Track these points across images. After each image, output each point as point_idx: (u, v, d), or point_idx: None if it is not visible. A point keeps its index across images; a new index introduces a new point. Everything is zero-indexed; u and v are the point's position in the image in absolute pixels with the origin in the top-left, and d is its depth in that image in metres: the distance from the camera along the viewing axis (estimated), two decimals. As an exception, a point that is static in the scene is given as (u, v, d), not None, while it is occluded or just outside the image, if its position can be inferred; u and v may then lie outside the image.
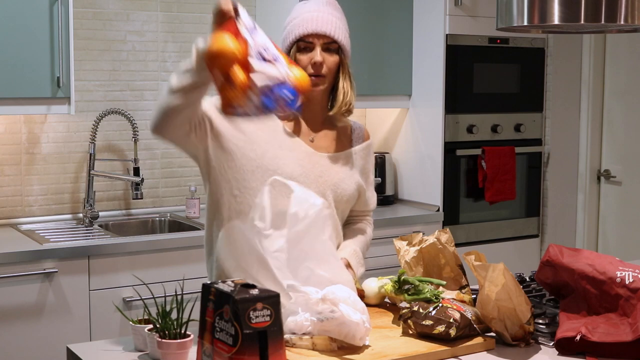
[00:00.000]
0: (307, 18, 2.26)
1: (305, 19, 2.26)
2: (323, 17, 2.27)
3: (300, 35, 2.26)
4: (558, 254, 2.12)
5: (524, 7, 2.15)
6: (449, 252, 2.25)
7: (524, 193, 4.43)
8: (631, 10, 2.09)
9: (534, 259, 4.32)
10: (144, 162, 3.89)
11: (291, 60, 2.10)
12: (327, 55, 2.28)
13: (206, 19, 4.04)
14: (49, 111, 3.39)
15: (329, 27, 2.26)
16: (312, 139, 2.35)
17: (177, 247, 3.40)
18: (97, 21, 3.80)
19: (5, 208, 3.65)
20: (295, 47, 2.28)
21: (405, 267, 2.28)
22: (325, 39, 2.26)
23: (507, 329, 1.99)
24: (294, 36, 2.27)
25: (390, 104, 4.27)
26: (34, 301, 3.14)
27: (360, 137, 2.44)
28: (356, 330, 1.89)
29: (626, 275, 2.02)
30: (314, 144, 2.35)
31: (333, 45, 2.28)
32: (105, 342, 2.06)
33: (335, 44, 2.28)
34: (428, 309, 1.99)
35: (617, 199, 4.55)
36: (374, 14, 4.07)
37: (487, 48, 4.21)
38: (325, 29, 2.25)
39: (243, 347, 1.61)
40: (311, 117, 2.35)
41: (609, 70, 4.57)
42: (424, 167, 4.20)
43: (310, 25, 2.25)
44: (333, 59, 2.29)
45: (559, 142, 4.53)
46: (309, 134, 2.35)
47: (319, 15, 2.27)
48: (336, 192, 2.33)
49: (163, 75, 3.96)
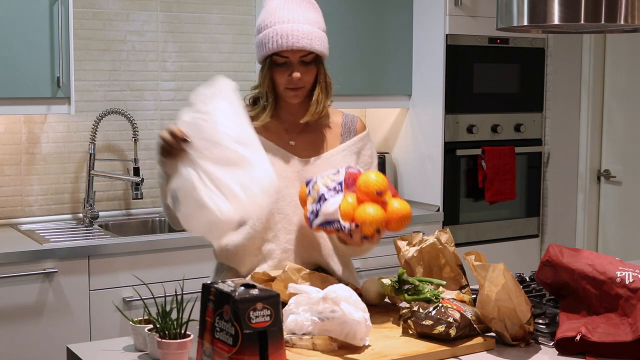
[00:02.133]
0: (283, 32, 2.19)
1: (280, 32, 2.19)
2: (298, 30, 2.19)
3: (275, 50, 2.20)
4: (558, 254, 2.12)
5: (524, 7, 2.15)
6: (449, 252, 2.25)
7: (524, 193, 4.43)
8: (631, 10, 2.09)
9: (534, 259, 4.32)
10: (144, 162, 3.89)
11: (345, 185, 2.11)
12: (304, 68, 2.23)
13: (206, 19, 4.04)
14: (49, 111, 3.39)
15: (305, 40, 2.19)
16: (292, 142, 2.33)
17: (177, 247, 3.40)
18: (97, 21, 3.80)
19: (5, 208, 3.65)
20: (270, 60, 2.23)
21: (405, 266, 2.28)
22: (301, 52, 2.21)
23: (507, 329, 1.99)
24: (268, 50, 2.21)
25: (390, 104, 4.27)
26: (34, 301, 3.14)
27: (352, 131, 2.39)
28: (357, 329, 1.89)
29: (626, 275, 2.02)
30: (295, 148, 2.32)
31: (310, 56, 2.23)
32: (105, 342, 2.06)
33: (312, 54, 2.23)
34: (428, 309, 1.99)
35: (617, 199, 4.56)
36: (374, 13, 4.07)
37: (487, 48, 4.21)
38: (302, 43, 2.19)
39: (243, 347, 1.61)
40: (290, 122, 2.34)
41: (609, 70, 4.57)
42: (424, 167, 4.20)
43: (286, 40, 2.18)
44: (310, 71, 2.25)
45: (559, 142, 4.53)
46: (288, 138, 2.33)
47: (294, 27, 2.19)
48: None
49: (163, 75, 3.96)
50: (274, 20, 2.21)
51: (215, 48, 4.07)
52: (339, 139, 2.38)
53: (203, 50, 4.05)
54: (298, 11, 2.22)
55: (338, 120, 2.40)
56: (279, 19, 2.20)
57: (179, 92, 4.00)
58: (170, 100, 3.99)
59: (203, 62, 4.05)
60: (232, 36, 4.11)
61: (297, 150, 2.33)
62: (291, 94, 2.26)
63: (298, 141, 2.34)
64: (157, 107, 3.96)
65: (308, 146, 2.34)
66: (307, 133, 2.35)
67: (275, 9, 2.23)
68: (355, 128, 2.41)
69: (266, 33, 2.21)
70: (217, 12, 4.07)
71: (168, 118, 3.98)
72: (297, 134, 2.33)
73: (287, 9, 2.22)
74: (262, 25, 2.24)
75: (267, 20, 2.22)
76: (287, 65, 2.23)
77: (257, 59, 2.28)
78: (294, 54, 2.21)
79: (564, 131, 4.55)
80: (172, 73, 3.99)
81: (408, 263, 2.28)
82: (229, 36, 4.10)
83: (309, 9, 2.25)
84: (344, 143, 2.37)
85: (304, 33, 2.19)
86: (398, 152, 4.36)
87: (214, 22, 4.07)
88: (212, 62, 4.07)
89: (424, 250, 2.26)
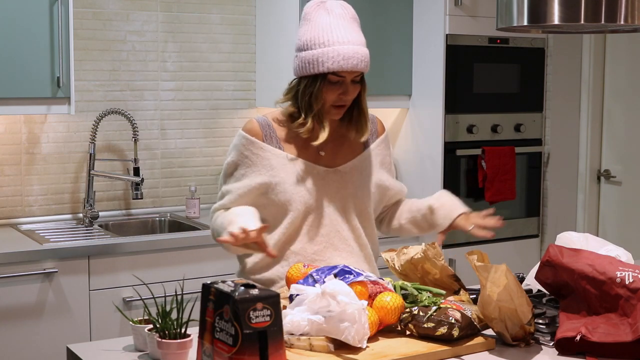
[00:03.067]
0: (345, 53, 2.21)
1: (342, 53, 2.21)
2: (358, 52, 2.23)
3: (336, 70, 2.22)
4: (558, 254, 2.12)
5: (524, 7, 2.15)
6: (439, 266, 2.24)
7: (524, 193, 4.43)
8: (631, 10, 2.09)
9: (534, 259, 4.32)
10: (144, 162, 3.89)
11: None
12: (353, 87, 2.28)
13: (206, 19, 4.04)
14: (49, 111, 3.39)
15: (364, 64, 2.24)
16: (322, 153, 2.36)
17: (177, 247, 3.40)
18: (97, 21, 3.80)
19: (5, 208, 3.65)
20: (324, 78, 2.24)
21: (400, 276, 2.29)
22: (356, 73, 2.25)
23: (508, 329, 1.99)
24: (327, 68, 2.21)
25: (390, 104, 4.26)
26: (34, 301, 3.14)
27: (374, 133, 2.44)
28: (355, 328, 1.87)
29: (626, 276, 2.02)
30: (325, 158, 2.36)
31: (360, 76, 2.28)
32: (105, 342, 2.06)
33: (361, 74, 2.28)
34: (428, 311, 1.99)
35: (617, 199, 4.55)
36: (374, 14, 4.07)
37: (487, 48, 4.21)
38: (361, 66, 2.24)
39: (243, 347, 1.61)
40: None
41: (609, 70, 4.56)
42: (424, 167, 4.20)
43: (348, 62, 2.21)
44: (357, 89, 2.30)
45: (559, 142, 4.53)
46: (318, 149, 2.35)
47: (355, 49, 2.22)
48: (355, 201, 2.36)
49: (163, 75, 3.96)
50: (332, 39, 2.22)
51: (215, 48, 4.07)
52: (364, 144, 2.42)
53: (203, 50, 4.05)
54: (353, 32, 2.26)
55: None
56: (338, 38, 2.22)
57: (179, 92, 4.00)
58: (170, 100, 3.99)
59: (203, 62, 4.05)
60: (232, 36, 4.11)
61: (326, 162, 2.36)
62: (336, 111, 2.30)
63: (327, 151, 2.37)
64: (157, 107, 3.96)
65: (336, 156, 2.38)
66: (334, 141, 2.37)
67: (329, 27, 2.24)
68: (377, 130, 2.46)
69: (324, 51, 2.21)
70: (217, 12, 4.07)
71: (168, 118, 3.98)
72: (325, 144, 2.35)
73: (344, 29, 2.24)
74: (315, 42, 2.23)
75: (323, 38, 2.23)
76: (340, 84, 2.25)
77: (300, 74, 2.27)
78: (350, 75, 2.24)
79: (564, 131, 4.55)
80: (172, 73, 3.99)
81: (403, 272, 2.29)
82: (229, 36, 4.10)
83: (359, 30, 2.30)
84: (367, 149, 2.42)
85: (362, 56, 2.24)
86: (398, 152, 4.36)
87: (214, 22, 4.06)
88: (212, 62, 4.06)
89: (415, 261, 2.25)
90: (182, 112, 4.01)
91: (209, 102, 4.07)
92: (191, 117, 4.04)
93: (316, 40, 2.23)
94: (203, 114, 4.07)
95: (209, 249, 3.39)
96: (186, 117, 4.03)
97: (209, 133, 4.09)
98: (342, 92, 2.25)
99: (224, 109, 4.11)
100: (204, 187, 4.06)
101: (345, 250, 2.35)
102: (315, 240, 2.32)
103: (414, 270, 2.27)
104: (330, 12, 2.25)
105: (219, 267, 3.37)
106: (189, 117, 4.03)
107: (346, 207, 2.34)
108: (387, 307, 2.00)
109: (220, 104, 4.10)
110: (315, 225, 2.32)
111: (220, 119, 4.11)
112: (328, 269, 2.04)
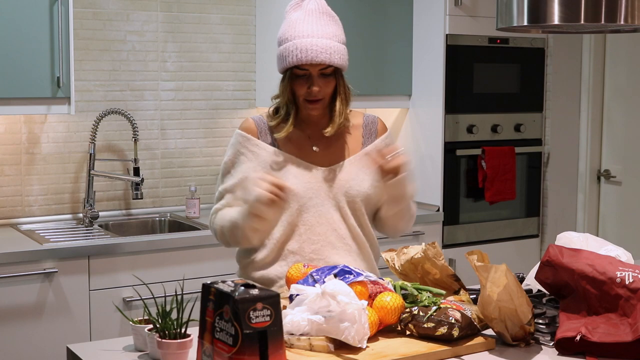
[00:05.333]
0: (302, 46, 2.24)
1: (300, 46, 2.24)
2: (318, 44, 2.24)
3: (295, 64, 2.25)
4: (558, 254, 2.12)
5: (524, 7, 2.15)
6: (439, 266, 2.25)
7: (524, 193, 4.43)
8: (631, 10, 2.09)
9: (534, 259, 4.32)
10: (144, 162, 3.89)
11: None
12: (323, 80, 2.29)
13: (206, 19, 4.04)
14: (49, 111, 3.39)
15: (324, 55, 2.24)
16: (316, 148, 2.37)
17: (177, 247, 3.40)
18: (97, 21, 3.80)
19: (5, 208, 3.65)
20: (291, 72, 2.28)
21: (400, 276, 2.28)
22: (320, 65, 2.26)
23: (508, 329, 1.99)
24: (288, 63, 2.26)
25: (390, 104, 4.27)
26: (34, 301, 3.14)
27: (373, 133, 2.44)
28: (354, 328, 1.88)
29: (626, 276, 2.02)
30: (318, 156, 2.36)
31: (329, 69, 2.28)
32: (105, 342, 2.06)
33: (331, 67, 2.28)
34: (428, 311, 1.99)
35: (617, 199, 4.56)
36: (374, 14, 4.07)
37: (487, 48, 4.21)
38: (320, 57, 2.24)
39: (243, 347, 1.61)
40: (312, 129, 2.38)
41: (609, 70, 4.57)
42: (424, 167, 4.20)
43: (305, 55, 2.24)
44: (329, 83, 2.30)
45: (559, 142, 4.53)
46: (311, 145, 2.36)
47: (314, 41, 2.24)
48: (348, 193, 2.35)
49: (163, 75, 3.96)
50: (294, 33, 2.26)
51: (215, 48, 4.07)
52: (360, 142, 2.42)
53: (203, 50, 4.05)
54: (318, 25, 2.27)
55: (359, 122, 2.44)
56: (299, 32, 2.25)
57: (179, 92, 4.00)
58: (170, 100, 3.99)
59: (203, 62, 4.05)
60: (232, 36, 4.11)
61: (320, 159, 2.36)
62: (310, 106, 2.32)
63: (321, 147, 2.37)
64: (157, 107, 3.96)
65: (330, 153, 2.38)
66: (329, 138, 2.38)
67: (296, 22, 2.28)
68: (376, 130, 2.45)
69: (286, 46, 2.27)
70: (217, 12, 4.07)
71: (168, 118, 3.98)
72: (320, 140, 2.37)
73: (308, 22, 2.27)
74: (282, 38, 2.29)
75: (288, 34, 2.28)
76: (307, 78, 2.28)
77: (278, 70, 2.34)
78: (313, 67, 2.26)
79: (564, 131, 4.55)
80: (172, 73, 3.99)
81: (403, 272, 2.28)
82: (229, 36, 4.10)
83: (329, 23, 2.30)
84: (365, 147, 2.41)
85: (323, 47, 2.24)
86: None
87: (214, 22, 4.06)
88: (212, 62, 4.07)
89: (415, 261, 2.25)
90: (182, 112, 4.02)
91: (209, 102, 4.08)
92: (191, 117, 4.04)
93: (283, 36, 2.30)
94: (203, 114, 4.07)
95: (209, 249, 3.39)
96: (186, 117, 4.03)
97: (209, 133, 4.09)
98: (309, 86, 2.27)
99: (223, 109, 4.11)
100: (204, 187, 4.06)
101: (343, 249, 2.35)
102: (312, 239, 2.32)
103: (414, 270, 2.27)
104: (303, 8, 2.30)
105: (219, 267, 3.37)
106: (189, 117, 4.04)
107: (341, 205, 2.34)
108: (387, 307, 2.00)
109: (220, 104, 4.10)
110: (312, 223, 2.32)
111: (220, 119, 4.11)
112: (328, 269, 2.04)
